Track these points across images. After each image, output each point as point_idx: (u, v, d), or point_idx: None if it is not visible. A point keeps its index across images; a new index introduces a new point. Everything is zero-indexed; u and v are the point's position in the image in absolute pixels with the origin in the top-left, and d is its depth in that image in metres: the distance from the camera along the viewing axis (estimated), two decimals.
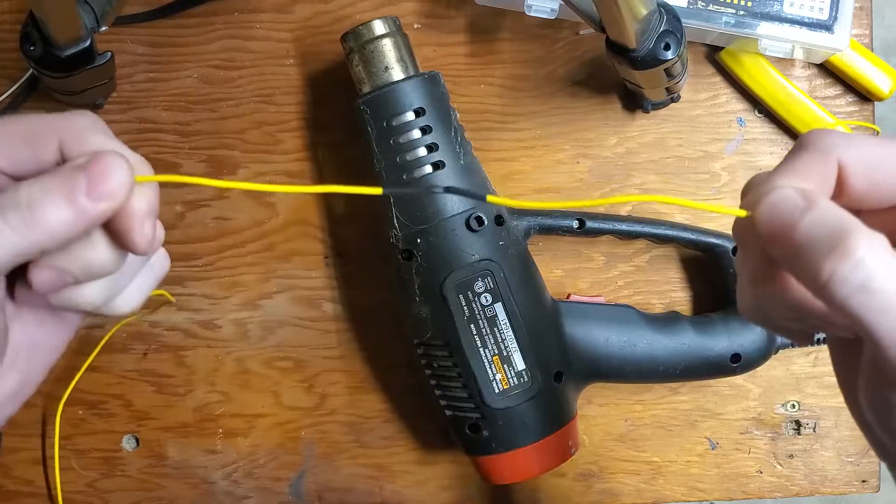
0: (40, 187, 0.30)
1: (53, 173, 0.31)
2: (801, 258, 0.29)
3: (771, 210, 0.30)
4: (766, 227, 0.30)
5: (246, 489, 0.59)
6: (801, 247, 0.29)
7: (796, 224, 0.29)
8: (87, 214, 0.31)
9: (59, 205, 0.30)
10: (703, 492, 0.60)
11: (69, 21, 0.46)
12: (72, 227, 0.31)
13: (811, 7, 0.54)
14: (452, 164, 0.51)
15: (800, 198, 0.29)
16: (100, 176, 0.31)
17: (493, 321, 0.50)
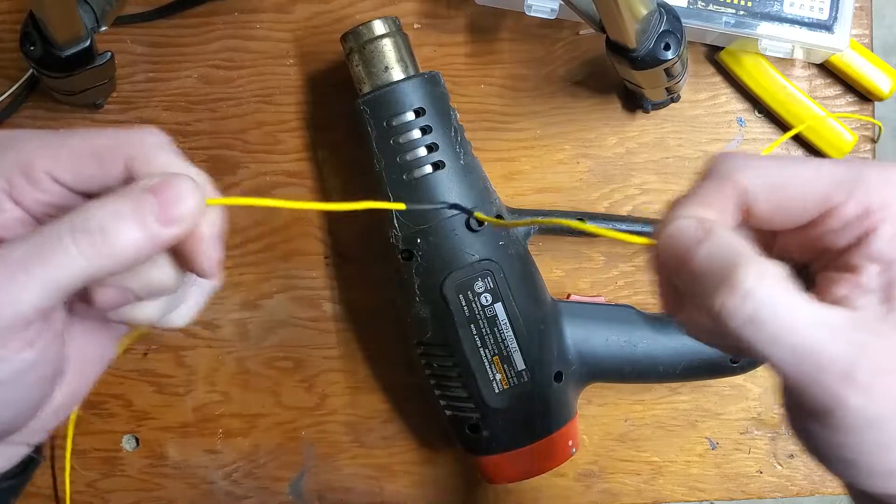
0: (112, 210, 0.30)
1: (124, 195, 0.30)
2: (697, 290, 0.29)
3: (668, 240, 0.30)
4: (664, 258, 0.30)
5: (246, 489, 0.59)
6: (697, 278, 0.29)
7: (692, 255, 0.29)
8: (158, 239, 0.30)
9: (130, 229, 0.30)
10: (704, 492, 0.60)
11: (69, 21, 0.46)
12: (141, 251, 0.30)
13: (811, 7, 0.54)
14: (452, 164, 0.51)
15: (696, 228, 0.29)
16: (171, 200, 0.30)
17: (493, 321, 0.50)
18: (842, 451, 0.29)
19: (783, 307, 0.28)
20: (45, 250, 0.29)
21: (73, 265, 0.29)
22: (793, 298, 0.28)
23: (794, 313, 0.28)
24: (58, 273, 0.29)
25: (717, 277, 0.28)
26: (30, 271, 0.29)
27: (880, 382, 0.27)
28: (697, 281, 0.29)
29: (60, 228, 0.30)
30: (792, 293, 0.28)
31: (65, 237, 0.29)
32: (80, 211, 0.30)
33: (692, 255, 0.29)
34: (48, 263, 0.29)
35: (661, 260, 0.30)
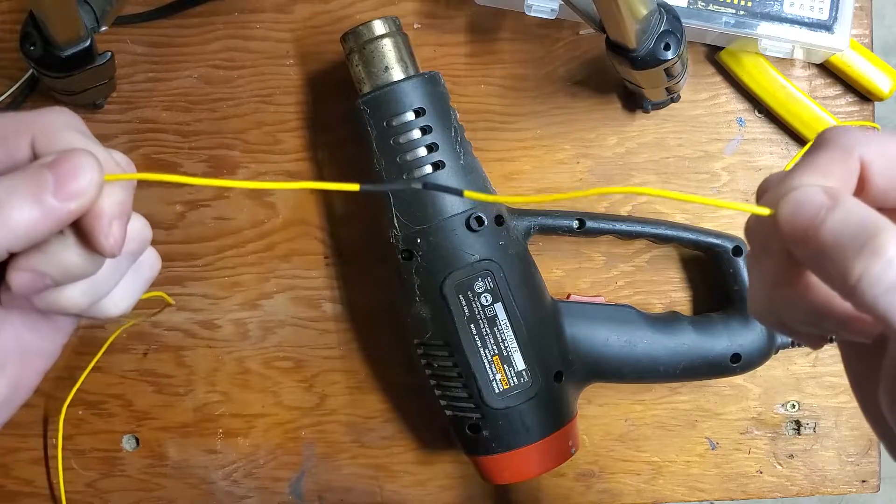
0: (7, 186, 0.30)
1: (21, 171, 0.30)
2: (828, 258, 0.28)
3: (794, 209, 0.29)
4: (789, 227, 0.29)
5: (246, 489, 0.59)
6: (828, 246, 0.28)
7: (822, 223, 0.28)
8: (54, 214, 0.30)
9: (25, 204, 0.30)
10: (704, 492, 0.60)
11: (69, 21, 0.46)
12: (38, 226, 0.30)
13: (811, 7, 0.54)
14: (452, 164, 0.51)
15: (824, 196, 0.28)
16: (67, 174, 0.30)
17: (493, 321, 0.50)
18: None
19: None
20: None
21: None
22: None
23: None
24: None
25: (855, 245, 0.27)
26: None
27: None
28: (829, 249, 0.28)
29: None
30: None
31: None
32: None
33: (822, 223, 0.28)
34: None
35: (785, 227, 0.29)
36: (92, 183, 0.30)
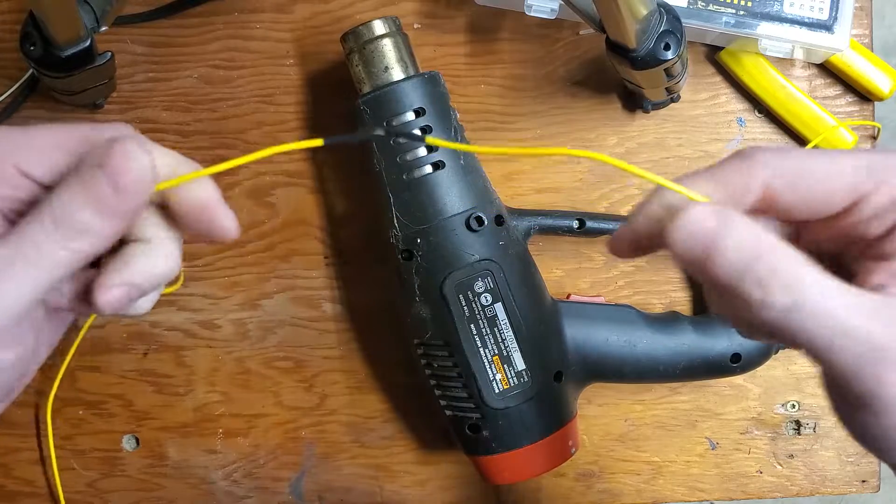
0: (69, 198, 0.30)
1: (75, 176, 0.30)
2: (723, 283, 0.28)
3: (685, 236, 0.28)
4: (682, 254, 0.29)
5: (246, 489, 0.59)
6: (720, 273, 0.28)
7: (716, 251, 0.28)
8: (122, 210, 0.30)
9: (88, 209, 0.30)
10: (704, 492, 0.60)
11: (69, 21, 0.46)
12: (112, 227, 0.30)
13: (811, 7, 0.54)
14: (452, 163, 0.51)
15: (714, 220, 0.28)
16: (119, 169, 0.30)
17: (493, 321, 0.50)
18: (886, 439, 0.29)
19: (821, 293, 0.27)
20: (27, 249, 0.29)
21: (54, 259, 0.30)
22: (828, 283, 0.28)
23: (832, 298, 0.28)
24: (40, 271, 0.30)
25: (749, 275, 0.27)
26: (14, 274, 0.29)
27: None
28: (722, 276, 0.28)
29: (32, 225, 0.30)
30: (826, 277, 0.28)
31: (38, 233, 0.30)
32: (45, 205, 0.30)
33: (716, 251, 0.28)
34: (30, 263, 0.29)
35: (679, 257, 0.29)
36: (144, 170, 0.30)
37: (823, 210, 0.31)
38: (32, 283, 0.30)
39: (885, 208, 0.29)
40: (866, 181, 0.30)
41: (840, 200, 0.30)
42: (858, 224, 0.30)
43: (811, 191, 0.30)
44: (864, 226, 0.30)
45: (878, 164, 0.30)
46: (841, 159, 0.30)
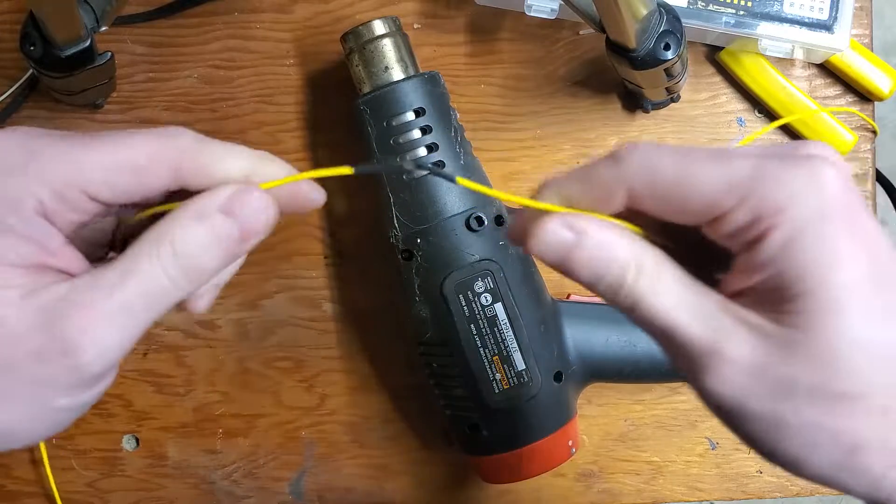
0: (194, 240, 0.30)
1: (198, 221, 0.30)
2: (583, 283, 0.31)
3: (543, 245, 0.31)
4: (543, 258, 0.31)
5: (246, 489, 0.59)
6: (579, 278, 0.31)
7: (570, 260, 0.31)
8: (239, 253, 0.31)
9: (215, 255, 0.31)
10: (703, 492, 0.60)
11: (69, 21, 0.46)
12: (223, 266, 0.31)
13: (811, 7, 0.54)
14: (452, 164, 0.51)
15: (568, 232, 0.31)
16: (249, 220, 0.31)
17: (493, 321, 0.50)
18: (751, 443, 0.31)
19: (658, 295, 0.30)
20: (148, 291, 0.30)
21: (173, 297, 0.31)
22: (667, 286, 0.30)
23: (661, 298, 0.30)
24: (160, 309, 0.31)
25: (598, 278, 0.31)
26: (136, 315, 0.30)
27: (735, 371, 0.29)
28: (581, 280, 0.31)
29: (154, 269, 0.30)
30: (667, 280, 0.30)
31: (161, 276, 0.30)
32: (165, 248, 0.30)
33: (570, 260, 0.31)
34: (152, 305, 0.30)
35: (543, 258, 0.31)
36: (269, 220, 0.32)
37: (685, 220, 0.31)
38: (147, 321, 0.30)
39: (743, 226, 0.29)
40: (727, 198, 0.29)
41: (701, 216, 0.30)
42: (721, 236, 0.30)
43: (672, 205, 0.30)
44: (725, 238, 0.30)
45: (744, 177, 0.29)
46: (707, 169, 0.29)
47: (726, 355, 0.29)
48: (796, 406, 0.28)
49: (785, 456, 0.30)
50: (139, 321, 0.30)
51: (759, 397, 0.29)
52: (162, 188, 0.32)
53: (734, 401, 0.29)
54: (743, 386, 0.29)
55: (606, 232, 0.31)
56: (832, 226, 0.28)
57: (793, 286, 0.28)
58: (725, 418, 0.30)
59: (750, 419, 0.29)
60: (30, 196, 0.30)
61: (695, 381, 0.30)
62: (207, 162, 0.32)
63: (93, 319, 0.29)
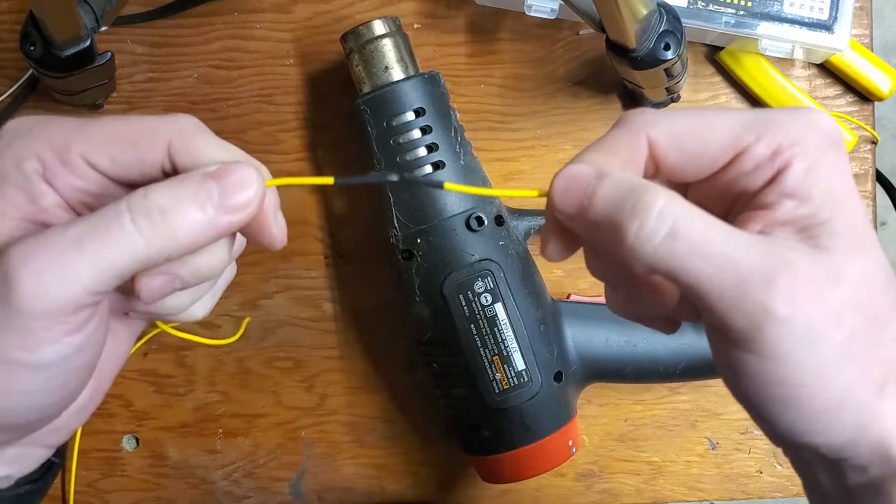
0: (171, 194, 0.29)
1: (184, 179, 0.30)
2: (604, 227, 0.29)
3: (564, 186, 0.30)
4: (561, 204, 0.30)
5: (246, 489, 0.59)
6: (601, 216, 0.29)
7: (592, 195, 0.29)
8: (219, 226, 0.30)
9: (191, 214, 0.29)
10: (704, 492, 0.60)
11: (69, 21, 0.46)
12: (201, 237, 0.30)
13: (811, 7, 0.54)
14: (452, 164, 0.51)
15: (591, 170, 0.29)
16: (234, 187, 0.30)
17: (493, 321, 0.50)
18: (780, 388, 0.28)
19: (698, 221, 0.28)
20: (101, 230, 0.29)
21: (131, 247, 0.29)
22: (706, 215, 0.28)
23: (710, 227, 0.28)
24: (115, 255, 0.29)
25: (626, 207, 0.28)
26: (85, 251, 0.28)
27: (805, 294, 0.27)
28: (602, 218, 0.29)
29: (118, 208, 0.29)
30: (702, 211, 0.28)
31: (123, 216, 0.29)
32: (137, 193, 0.29)
33: (592, 194, 0.29)
34: (105, 244, 0.29)
35: (559, 206, 0.30)
36: (257, 195, 0.31)
37: (708, 165, 0.31)
38: (98, 267, 0.29)
39: (765, 159, 0.30)
40: (746, 134, 0.30)
41: (722, 154, 0.30)
42: (741, 177, 0.30)
43: (694, 147, 0.31)
44: (746, 179, 0.30)
45: (757, 118, 0.30)
46: (720, 116, 0.31)
47: (796, 277, 0.27)
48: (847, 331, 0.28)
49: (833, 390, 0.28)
50: (91, 263, 0.28)
51: (821, 321, 0.28)
52: (156, 162, 0.31)
53: (805, 326, 0.27)
54: (812, 308, 0.27)
55: (628, 171, 0.30)
56: (840, 158, 0.30)
57: (822, 210, 0.29)
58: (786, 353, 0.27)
59: (812, 348, 0.27)
60: (31, 155, 0.31)
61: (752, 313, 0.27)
62: (200, 146, 0.32)
63: (38, 247, 0.28)
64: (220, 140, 0.33)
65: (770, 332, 0.27)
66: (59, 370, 0.30)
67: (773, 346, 0.27)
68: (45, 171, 0.31)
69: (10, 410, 0.31)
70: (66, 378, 0.31)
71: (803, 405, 0.28)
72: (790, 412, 0.28)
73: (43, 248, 0.28)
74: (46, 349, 0.29)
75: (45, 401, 0.31)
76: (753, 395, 0.29)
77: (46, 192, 0.31)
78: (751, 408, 0.30)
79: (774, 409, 0.29)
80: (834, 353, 0.28)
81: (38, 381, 0.30)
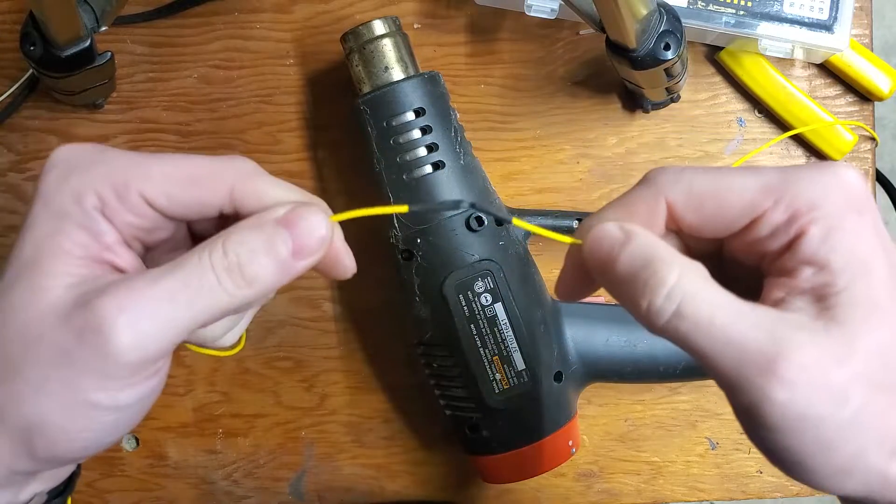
0: (248, 248, 0.30)
1: (257, 229, 0.31)
2: (623, 290, 0.30)
3: (593, 244, 0.31)
4: (591, 261, 0.31)
5: (246, 489, 0.59)
6: (622, 280, 0.30)
7: (616, 258, 0.30)
8: (293, 271, 0.31)
9: (268, 266, 0.30)
10: (704, 492, 0.60)
11: (69, 21, 0.46)
12: (278, 284, 0.31)
13: (811, 7, 0.54)
14: (452, 164, 0.51)
15: (619, 231, 0.31)
16: (304, 233, 0.31)
17: (493, 321, 0.50)
18: (788, 454, 0.29)
19: (705, 301, 0.28)
20: (193, 285, 0.30)
21: (218, 302, 0.30)
22: (715, 293, 0.29)
23: (715, 306, 0.28)
24: (204, 309, 0.30)
25: (641, 278, 0.29)
26: (178, 306, 0.29)
27: (806, 378, 0.27)
28: (622, 283, 0.30)
29: (202, 264, 0.30)
30: (714, 288, 0.29)
31: (208, 274, 0.30)
32: (216, 249, 0.30)
33: (616, 258, 0.30)
34: (197, 299, 0.30)
35: (587, 261, 0.31)
36: (326, 238, 0.32)
37: (725, 228, 0.31)
38: (190, 320, 0.30)
39: (781, 225, 0.30)
40: (764, 199, 0.30)
41: (739, 219, 0.31)
42: (760, 241, 0.31)
43: (711, 211, 0.31)
44: (764, 242, 0.31)
45: (775, 181, 0.30)
46: (740, 178, 0.31)
47: (796, 361, 0.28)
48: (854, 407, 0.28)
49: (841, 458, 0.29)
50: (182, 316, 0.29)
51: (822, 402, 0.28)
52: (217, 205, 0.32)
53: (805, 408, 0.28)
54: (812, 392, 0.28)
55: (653, 236, 0.31)
56: (863, 220, 0.29)
57: (839, 278, 0.29)
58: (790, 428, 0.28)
59: (814, 425, 0.28)
60: (90, 191, 0.31)
61: (752, 393, 0.28)
62: (262, 188, 0.32)
63: (133, 300, 0.29)
64: (278, 180, 0.33)
65: (771, 413, 0.28)
66: (133, 411, 0.31)
67: (777, 423, 0.28)
68: (105, 207, 0.31)
69: (78, 448, 0.31)
70: (134, 418, 0.32)
71: (814, 469, 0.29)
72: (803, 474, 0.29)
73: (137, 301, 0.29)
74: (129, 392, 0.30)
75: (109, 439, 0.32)
76: (766, 452, 0.30)
77: (107, 229, 0.31)
78: (776, 466, 0.30)
79: (788, 468, 0.30)
80: (840, 426, 0.28)
81: (111, 422, 0.31)
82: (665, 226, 0.32)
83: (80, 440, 0.31)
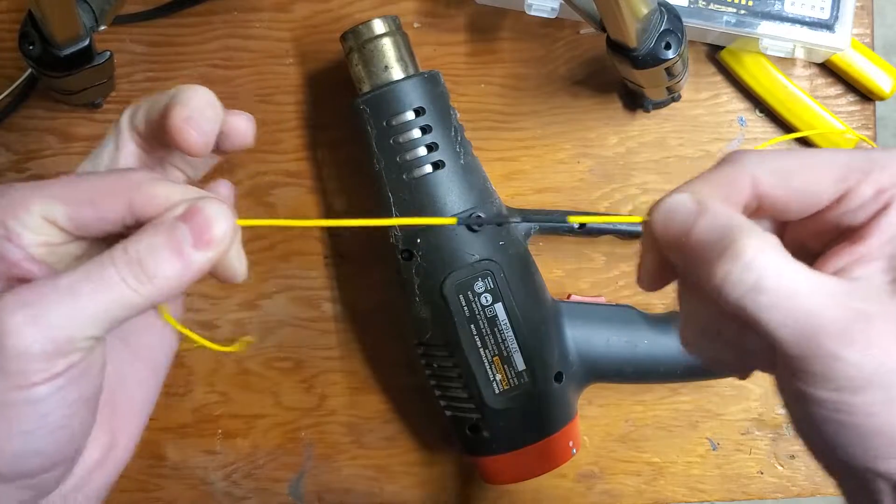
0: (147, 244, 0.31)
1: (156, 227, 0.31)
2: (696, 262, 0.30)
3: (665, 216, 0.31)
4: (661, 233, 0.31)
5: (245, 490, 0.59)
6: (695, 251, 0.30)
7: (691, 228, 0.30)
8: (197, 265, 0.31)
9: (168, 259, 0.31)
10: (704, 493, 0.60)
11: (68, 20, 0.46)
12: (182, 279, 0.31)
13: (812, 6, 0.54)
14: (452, 163, 0.50)
15: (693, 202, 0.30)
16: (203, 225, 0.31)
17: (494, 321, 0.50)
18: (847, 415, 0.29)
19: (784, 275, 0.28)
20: (94, 280, 0.30)
21: (122, 298, 0.30)
22: (793, 266, 0.29)
23: (795, 280, 0.28)
24: (108, 303, 0.30)
25: (718, 248, 0.29)
26: (80, 298, 0.30)
27: (879, 343, 0.28)
28: (697, 254, 0.30)
29: (103, 262, 0.30)
30: (791, 262, 0.29)
31: (109, 269, 0.30)
32: (117, 248, 0.31)
33: (691, 228, 0.30)
34: (98, 293, 0.30)
35: (659, 234, 0.31)
36: (227, 229, 0.32)
37: (813, 204, 0.32)
38: (97, 311, 0.30)
39: (869, 199, 0.31)
40: (852, 174, 0.31)
41: (829, 193, 0.31)
42: (844, 216, 0.31)
43: (801, 185, 0.31)
44: (849, 216, 0.31)
45: (861, 157, 0.31)
46: (826, 155, 0.32)
47: (874, 329, 0.28)
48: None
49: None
50: (86, 306, 0.30)
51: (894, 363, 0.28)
52: (116, 220, 0.33)
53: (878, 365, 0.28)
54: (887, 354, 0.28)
55: (728, 208, 0.30)
56: None
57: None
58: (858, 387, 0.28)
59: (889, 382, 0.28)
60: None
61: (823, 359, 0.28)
62: (160, 192, 0.33)
63: (34, 294, 0.29)
64: (177, 184, 0.34)
65: (843, 372, 0.28)
66: (55, 403, 0.31)
67: (846, 382, 0.28)
68: (9, 234, 0.32)
69: (14, 455, 0.31)
70: (64, 412, 0.31)
71: (875, 432, 0.29)
72: (863, 440, 0.29)
73: (38, 294, 0.30)
74: (46, 387, 0.30)
75: (46, 441, 0.31)
76: (823, 421, 0.30)
77: (12, 249, 0.32)
78: (818, 435, 0.30)
79: (846, 436, 0.30)
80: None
81: (35, 418, 0.30)
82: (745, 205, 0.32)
83: (12, 447, 0.30)
